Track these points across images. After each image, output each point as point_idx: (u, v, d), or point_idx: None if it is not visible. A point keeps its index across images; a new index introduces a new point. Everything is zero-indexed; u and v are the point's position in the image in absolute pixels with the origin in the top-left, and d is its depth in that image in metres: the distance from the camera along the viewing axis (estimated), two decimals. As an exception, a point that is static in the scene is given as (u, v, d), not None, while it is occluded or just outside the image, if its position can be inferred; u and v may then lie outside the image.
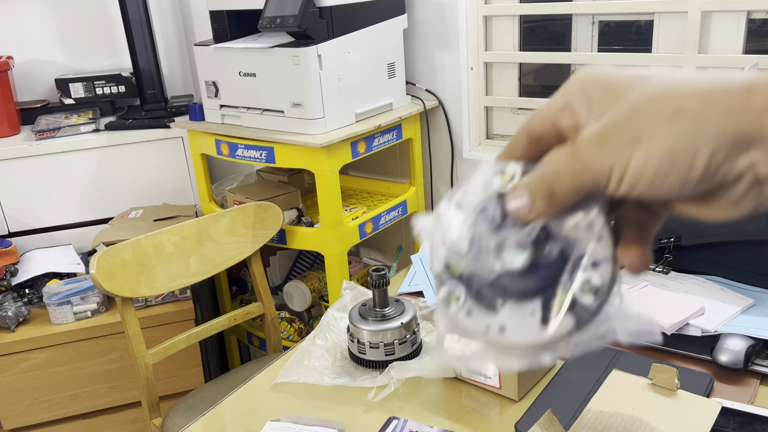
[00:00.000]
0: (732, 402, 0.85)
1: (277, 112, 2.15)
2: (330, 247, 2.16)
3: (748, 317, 1.01)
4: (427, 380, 1.00)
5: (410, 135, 2.45)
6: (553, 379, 0.95)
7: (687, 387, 0.84)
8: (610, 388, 0.84)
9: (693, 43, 1.99)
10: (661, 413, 0.78)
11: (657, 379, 0.83)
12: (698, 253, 1.17)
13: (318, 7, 2.03)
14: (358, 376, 1.01)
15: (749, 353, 0.94)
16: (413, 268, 1.34)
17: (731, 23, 1.95)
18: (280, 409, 0.96)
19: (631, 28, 2.18)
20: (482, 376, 0.95)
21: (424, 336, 1.09)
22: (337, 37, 2.09)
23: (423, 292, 1.25)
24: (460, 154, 2.53)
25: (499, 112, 2.53)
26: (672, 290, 1.09)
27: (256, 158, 2.19)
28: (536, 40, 2.40)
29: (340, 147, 2.11)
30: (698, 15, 1.96)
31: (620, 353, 0.99)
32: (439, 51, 2.46)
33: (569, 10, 2.23)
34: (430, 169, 2.63)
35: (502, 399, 0.94)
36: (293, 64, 2.03)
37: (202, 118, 2.39)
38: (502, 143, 2.52)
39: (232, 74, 2.20)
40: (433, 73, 2.50)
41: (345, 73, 2.14)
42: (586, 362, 0.97)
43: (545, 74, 2.45)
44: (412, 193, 2.52)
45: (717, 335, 0.98)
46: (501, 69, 2.46)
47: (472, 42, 2.40)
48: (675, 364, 0.93)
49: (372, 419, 0.92)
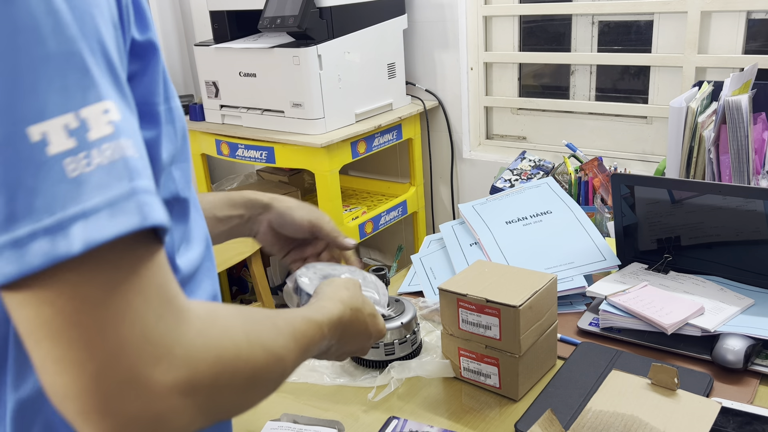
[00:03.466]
0: (732, 402, 0.85)
1: (277, 112, 2.15)
2: (330, 247, 2.16)
3: (748, 317, 1.01)
4: (427, 380, 1.00)
5: (410, 135, 2.45)
6: (553, 379, 0.95)
7: (687, 387, 0.84)
8: (609, 388, 0.84)
9: (693, 43, 1.99)
10: (660, 413, 0.78)
11: (657, 379, 0.83)
12: (698, 253, 1.17)
13: (318, 8, 2.03)
14: (358, 376, 1.01)
15: (749, 353, 0.94)
16: (413, 268, 1.35)
17: (731, 23, 1.95)
18: (280, 409, 0.96)
19: (631, 28, 2.18)
20: (482, 376, 0.95)
21: (424, 336, 1.09)
22: (337, 38, 2.09)
23: (423, 292, 1.26)
24: (460, 154, 2.53)
25: (499, 112, 2.53)
26: (672, 290, 1.09)
27: (257, 158, 2.19)
28: (536, 40, 2.40)
29: (340, 147, 2.11)
30: (698, 15, 1.96)
31: (620, 353, 0.99)
32: (439, 51, 2.46)
33: (569, 10, 2.23)
34: (430, 169, 2.63)
35: (502, 399, 0.95)
36: (293, 64, 2.03)
37: (203, 118, 2.39)
38: (501, 143, 2.52)
39: (233, 74, 2.20)
40: (433, 73, 2.50)
41: (345, 73, 2.14)
42: (586, 362, 0.97)
43: (545, 74, 2.45)
44: (412, 193, 2.52)
45: (717, 335, 0.98)
46: (501, 69, 2.46)
47: (472, 42, 2.40)
48: (675, 364, 0.93)
49: (372, 419, 0.92)
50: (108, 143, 0.40)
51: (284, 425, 0.90)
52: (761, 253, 1.10)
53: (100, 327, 0.39)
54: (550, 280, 0.95)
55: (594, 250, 1.22)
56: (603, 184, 1.73)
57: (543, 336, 0.96)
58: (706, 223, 1.14)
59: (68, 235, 0.38)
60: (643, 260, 1.22)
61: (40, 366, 0.40)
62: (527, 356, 0.93)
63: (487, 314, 0.91)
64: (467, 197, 2.55)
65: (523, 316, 0.89)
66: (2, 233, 0.38)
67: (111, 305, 0.40)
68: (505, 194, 1.41)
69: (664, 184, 1.19)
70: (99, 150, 0.40)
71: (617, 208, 1.21)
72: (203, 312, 0.46)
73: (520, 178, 2.03)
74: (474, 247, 1.30)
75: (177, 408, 0.42)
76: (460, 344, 0.97)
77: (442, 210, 2.67)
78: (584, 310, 1.14)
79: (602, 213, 1.54)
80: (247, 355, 0.48)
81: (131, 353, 0.40)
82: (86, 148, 0.39)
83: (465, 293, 0.93)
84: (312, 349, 0.61)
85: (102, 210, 0.39)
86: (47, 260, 0.38)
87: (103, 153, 0.40)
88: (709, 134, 1.52)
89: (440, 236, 1.40)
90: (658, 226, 1.19)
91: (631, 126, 2.23)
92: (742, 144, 1.47)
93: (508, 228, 1.31)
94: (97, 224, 0.39)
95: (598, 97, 2.30)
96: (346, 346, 0.71)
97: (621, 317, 1.05)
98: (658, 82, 2.14)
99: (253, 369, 0.48)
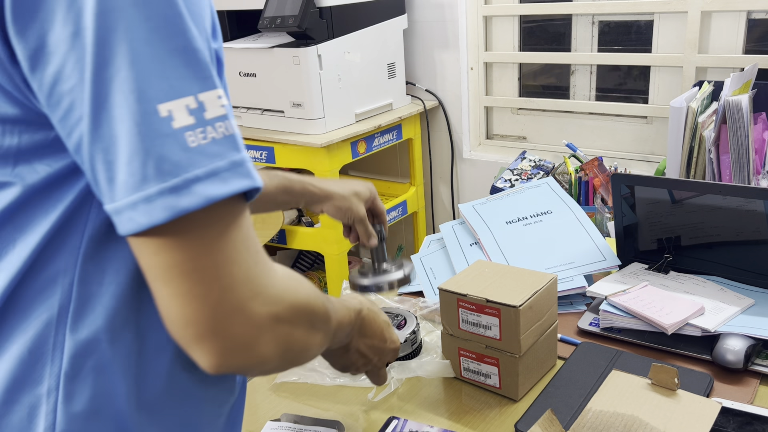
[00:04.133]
0: (732, 402, 0.85)
1: (277, 112, 2.15)
2: (330, 247, 2.16)
3: (748, 317, 1.01)
4: (427, 380, 1.00)
5: (410, 135, 2.45)
6: (553, 379, 0.95)
7: (687, 387, 0.84)
8: (610, 388, 0.84)
9: (693, 43, 1.99)
10: (660, 413, 0.78)
11: (657, 379, 0.83)
12: (698, 253, 1.17)
13: (318, 7, 2.03)
14: (358, 376, 1.01)
15: (749, 353, 0.94)
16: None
17: (731, 23, 1.95)
18: (280, 409, 0.96)
19: (631, 28, 2.18)
20: (482, 376, 0.95)
21: (424, 336, 1.09)
22: (337, 37, 2.09)
23: (423, 292, 1.26)
24: (460, 154, 2.53)
25: (499, 112, 2.53)
26: (672, 290, 1.09)
27: (256, 158, 2.19)
28: (536, 40, 2.40)
29: (340, 147, 2.11)
30: (698, 15, 1.95)
31: (620, 353, 0.99)
32: (439, 51, 2.46)
33: (569, 10, 2.23)
34: (430, 169, 2.62)
35: (502, 399, 0.95)
36: (293, 64, 2.03)
37: (202, 118, 2.38)
38: (502, 143, 2.52)
39: (233, 74, 2.20)
40: (433, 73, 2.50)
41: (345, 73, 2.14)
42: (586, 362, 0.97)
43: (545, 74, 2.45)
44: (412, 193, 2.52)
45: (717, 335, 0.98)
46: (501, 69, 2.46)
47: (472, 42, 2.40)
48: (675, 364, 0.93)
49: (372, 419, 0.92)
50: (221, 122, 0.50)
51: (284, 425, 0.90)
52: (761, 253, 1.10)
53: (217, 267, 0.49)
54: (550, 280, 0.95)
55: (594, 250, 1.22)
56: (603, 184, 1.73)
57: (543, 336, 0.96)
58: (706, 223, 1.14)
59: (190, 192, 0.47)
60: (644, 260, 1.22)
61: (166, 302, 0.50)
62: (527, 356, 0.93)
63: (487, 314, 0.91)
64: (467, 197, 2.55)
65: (523, 316, 0.89)
66: (136, 191, 0.47)
67: (224, 250, 0.49)
68: (506, 194, 1.41)
69: (664, 184, 1.18)
70: (213, 127, 0.49)
71: (617, 208, 1.21)
72: (280, 266, 0.56)
73: (520, 178, 2.03)
74: (474, 247, 1.30)
75: (265, 336, 0.52)
76: (460, 344, 0.97)
77: (442, 210, 2.67)
78: (584, 310, 1.14)
79: (602, 213, 1.54)
80: (313, 305, 0.58)
81: (238, 288, 0.50)
82: (203, 124, 0.49)
83: (465, 293, 0.93)
84: (343, 327, 0.71)
85: (220, 173, 0.48)
86: (174, 213, 0.47)
87: (217, 130, 0.49)
88: (709, 134, 1.52)
89: (440, 236, 1.40)
90: (658, 226, 1.19)
91: (631, 126, 2.23)
92: (743, 144, 1.47)
93: (508, 228, 1.31)
94: (214, 184, 0.48)
95: (599, 97, 2.30)
96: (364, 340, 0.79)
97: (621, 317, 1.05)
98: (659, 82, 2.14)
99: (316, 316, 0.59)
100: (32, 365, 0.53)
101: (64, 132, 0.48)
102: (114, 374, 0.55)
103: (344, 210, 1.00)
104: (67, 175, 0.52)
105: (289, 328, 0.54)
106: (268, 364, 0.54)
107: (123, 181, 0.47)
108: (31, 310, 0.53)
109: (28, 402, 0.54)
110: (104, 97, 0.46)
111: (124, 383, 0.56)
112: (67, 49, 0.46)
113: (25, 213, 0.52)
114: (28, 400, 0.54)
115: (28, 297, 0.53)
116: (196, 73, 0.49)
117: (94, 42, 0.46)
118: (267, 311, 0.52)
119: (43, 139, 0.51)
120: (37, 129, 0.50)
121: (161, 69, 0.47)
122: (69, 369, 0.54)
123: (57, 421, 0.54)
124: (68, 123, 0.48)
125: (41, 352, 0.53)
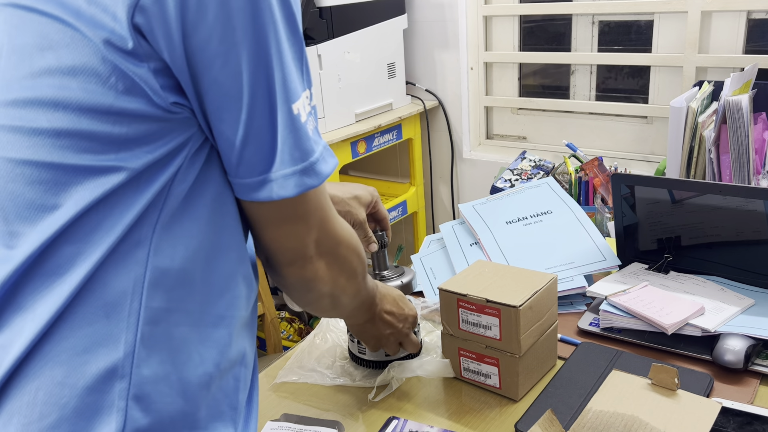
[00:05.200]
0: (732, 402, 0.85)
1: (277, 112, 2.15)
2: (330, 247, 2.16)
3: (748, 317, 1.01)
4: (427, 380, 1.00)
5: (410, 135, 2.45)
6: (553, 379, 0.95)
7: (687, 387, 0.84)
8: (610, 388, 0.84)
9: (693, 43, 1.99)
10: (661, 413, 0.78)
11: (657, 379, 0.83)
12: (698, 253, 1.17)
13: (318, 7, 2.03)
14: (358, 376, 1.01)
15: (749, 353, 0.94)
16: (413, 269, 1.34)
17: (731, 23, 1.95)
18: (280, 409, 0.96)
19: (631, 28, 2.17)
20: (482, 376, 0.95)
21: (424, 336, 1.09)
22: (337, 37, 2.09)
23: (423, 292, 1.26)
24: (460, 154, 2.53)
25: (499, 112, 2.53)
26: (672, 290, 1.09)
27: (256, 158, 2.18)
28: (536, 40, 2.40)
29: (340, 147, 2.11)
30: (698, 15, 1.95)
31: (620, 353, 0.99)
32: (439, 51, 2.46)
33: (569, 10, 2.23)
34: (430, 169, 2.62)
35: (502, 399, 0.95)
36: (293, 64, 2.02)
37: (202, 118, 2.38)
38: (502, 143, 2.52)
39: (232, 74, 2.20)
40: (433, 73, 2.50)
41: (345, 73, 2.14)
42: (586, 362, 0.97)
43: (545, 74, 2.45)
44: (412, 193, 2.52)
45: (717, 335, 0.98)
46: (501, 69, 2.46)
47: (472, 42, 2.40)
48: (675, 364, 0.93)
49: (372, 419, 0.92)
50: (313, 113, 0.64)
51: (284, 425, 0.90)
52: (761, 253, 1.10)
53: (320, 217, 0.67)
54: (550, 280, 0.95)
55: (594, 250, 1.22)
56: (603, 184, 1.73)
57: (543, 336, 0.96)
58: (706, 223, 1.14)
59: (314, 173, 0.62)
60: (644, 260, 1.22)
61: (278, 240, 0.67)
62: (527, 356, 0.93)
63: (487, 314, 0.91)
64: (467, 197, 2.55)
65: (523, 316, 0.89)
66: (275, 171, 0.60)
67: (323, 207, 0.68)
68: (506, 194, 1.41)
69: (664, 184, 1.18)
70: (314, 117, 0.64)
71: (617, 208, 1.21)
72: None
73: (520, 178, 2.03)
74: (474, 247, 1.30)
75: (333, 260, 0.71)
76: (460, 344, 0.97)
77: (442, 210, 2.67)
78: (584, 310, 1.14)
79: (602, 213, 1.54)
80: (355, 247, 0.75)
81: (329, 228, 0.69)
82: (311, 116, 0.63)
83: (465, 293, 0.93)
84: (369, 286, 0.85)
85: (324, 156, 0.64)
86: (303, 189, 0.62)
87: (315, 120, 0.64)
88: (709, 134, 1.52)
89: (440, 236, 1.40)
90: (658, 226, 1.19)
91: (631, 126, 2.23)
92: (743, 144, 1.47)
93: (508, 228, 1.31)
94: (324, 164, 0.64)
95: (599, 97, 2.30)
96: (385, 308, 0.93)
97: (621, 317, 1.04)
98: (659, 82, 2.14)
99: (357, 256, 0.75)
100: (109, 330, 0.59)
101: (215, 117, 0.58)
102: (180, 343, 0.62)
103: (342, 214, 1.00)
104: (163, 159, 0.58)
105: (343, 259, 0.73)
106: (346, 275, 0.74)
107: (263, 162, 0.60)
108: (113, 282, 0.59)
109: (105, 366, 0.58)
110: (257, 93, 0.57)
111: (185, 352, 0.62)
112: (226, 49, 0.55)
113: (125, 195, 0.58)
114: (104, 365, 0.58)
115: (111, 270, 0.59)
116: (308, 70, 0.63)
117: (250, 40, 0.56)
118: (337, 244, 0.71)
119: (151, 130, 0.57)
120: (152, 121, 0.57)
121: (290, 71, 0.59)
122: (150, 290, 0.60)
123: (131, 384, 0.59)
124: (221, 113, 0.58)
125: (118, 318, 0.59)
